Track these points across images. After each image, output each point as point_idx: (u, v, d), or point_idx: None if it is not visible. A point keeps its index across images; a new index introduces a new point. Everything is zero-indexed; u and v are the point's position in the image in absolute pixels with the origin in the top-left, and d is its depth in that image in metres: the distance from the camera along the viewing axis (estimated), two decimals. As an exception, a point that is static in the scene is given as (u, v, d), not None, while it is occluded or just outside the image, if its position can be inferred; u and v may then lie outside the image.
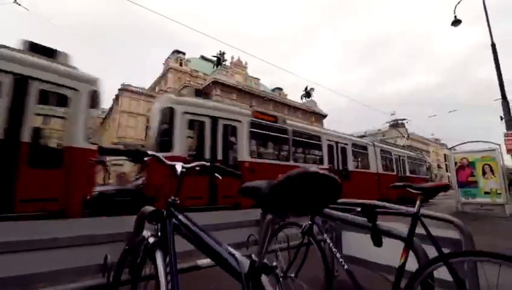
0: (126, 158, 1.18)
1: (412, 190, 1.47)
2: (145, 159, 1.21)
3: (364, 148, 12.39)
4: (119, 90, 37.96)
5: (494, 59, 11.93)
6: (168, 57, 53.03)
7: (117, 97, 40.07)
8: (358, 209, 1.61)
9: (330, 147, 10.41)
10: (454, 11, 12.83)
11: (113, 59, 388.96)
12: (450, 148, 10.73)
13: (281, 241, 2.05)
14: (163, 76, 53.35)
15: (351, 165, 11.12)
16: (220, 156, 6.51)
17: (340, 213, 1.77)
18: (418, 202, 1.44)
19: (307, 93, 53.67)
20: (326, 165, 9.89)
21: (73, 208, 4.91)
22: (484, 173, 9.06)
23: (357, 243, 2.20)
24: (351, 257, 2.22)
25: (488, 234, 5.31)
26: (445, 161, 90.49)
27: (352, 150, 11.53)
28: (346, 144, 11.26)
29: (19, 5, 7.37)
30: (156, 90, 50.36)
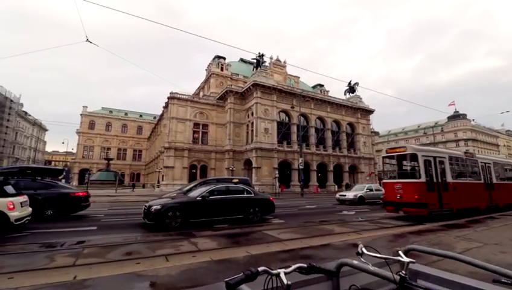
0: None
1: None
2: None
3: None
4: (168, 98, 40.77)
5: None
6: (210, 63, 55.27)
7: (166, 105, 43.15)
8: None
9: None
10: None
11: (162, 68, 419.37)
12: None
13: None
14: (206, 81, 55.86)
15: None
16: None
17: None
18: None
19: (351, 88, 50.99)
20: None
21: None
22: None
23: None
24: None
25: None
26: (521, 154, 78.08)
27: None
28: None
29: (91, 42, 8.48)
30: (200, 96, 52.95)
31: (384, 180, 12.31)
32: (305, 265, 1.49)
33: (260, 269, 1.37)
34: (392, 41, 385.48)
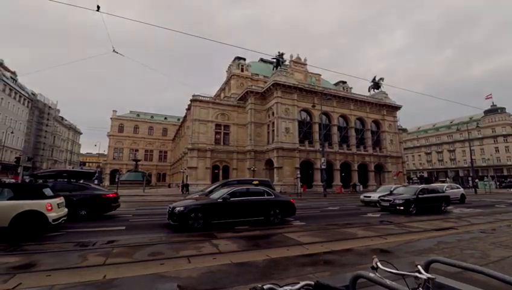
0: None
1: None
2: None
3: None
4: (191, 100, 41.86)
5: None
6: (230, 64, 55.90)
7: (189, 107, 44.34)
8: None
9: None
10: None
11: (188, 71, 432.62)
12: None
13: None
14: (227, 83, 56.58)
15: None
16: None
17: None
18: None
19: (376, 84, 49.08)
20: None
21: None
22: None
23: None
24: None
25: None
26: None
27: None
28: None
29: (117, 52, 8.99)
30: (221, 97, 53.77)
31: None
32: (312, 282, 1.48)
33: (266, 286, 1.37)
34: (421, 35, 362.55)
